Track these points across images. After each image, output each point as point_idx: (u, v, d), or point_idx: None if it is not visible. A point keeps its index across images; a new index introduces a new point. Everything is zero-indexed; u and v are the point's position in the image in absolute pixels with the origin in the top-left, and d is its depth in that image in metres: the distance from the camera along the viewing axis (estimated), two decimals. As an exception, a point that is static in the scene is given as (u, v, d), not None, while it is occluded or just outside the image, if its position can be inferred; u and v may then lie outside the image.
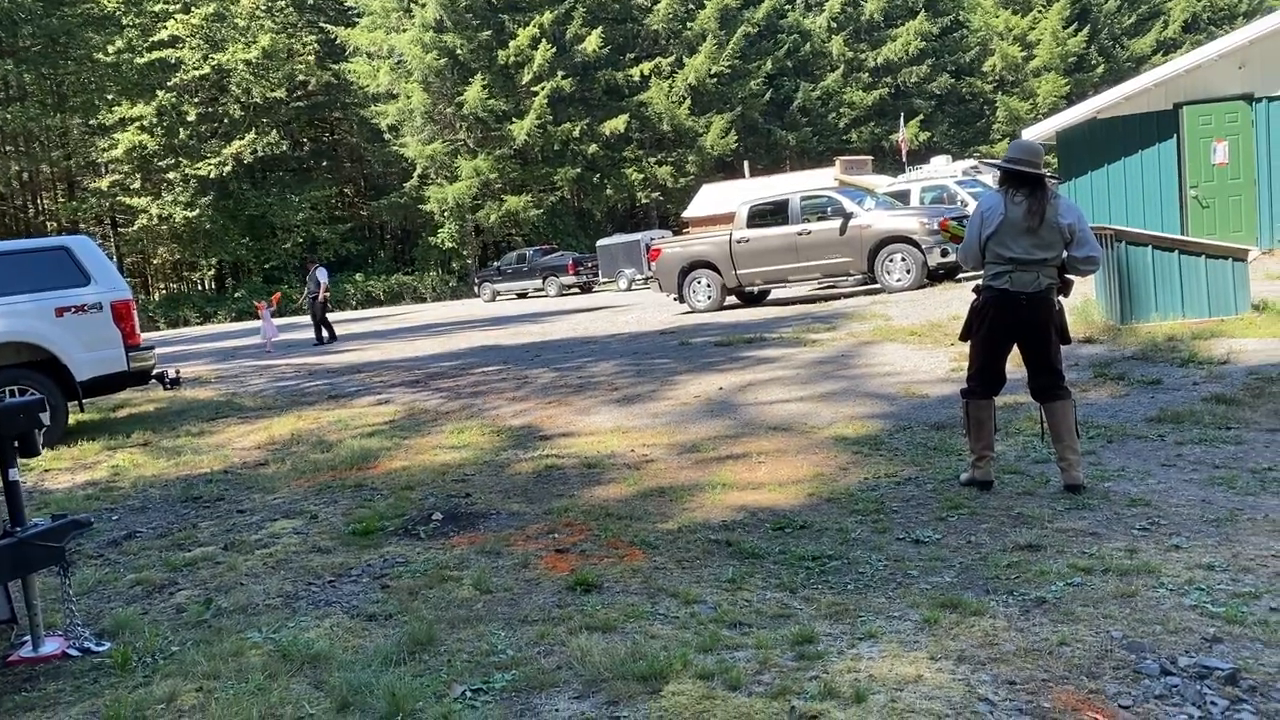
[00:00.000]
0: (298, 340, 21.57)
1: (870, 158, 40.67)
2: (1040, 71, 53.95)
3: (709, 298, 17.09)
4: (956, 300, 12.28)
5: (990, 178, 19.99)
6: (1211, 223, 14.57)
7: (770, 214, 16.93)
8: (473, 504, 5.88)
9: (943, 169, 26.93)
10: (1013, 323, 5.23)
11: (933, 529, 4.75)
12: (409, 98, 43.91)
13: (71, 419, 10.41)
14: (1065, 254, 5.14)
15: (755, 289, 17.35)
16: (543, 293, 34.40)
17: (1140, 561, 4.05)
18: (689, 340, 12.89)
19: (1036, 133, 16.79)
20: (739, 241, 16.63)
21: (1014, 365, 5.46)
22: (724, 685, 3.19)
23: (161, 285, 53.21)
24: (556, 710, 3.14)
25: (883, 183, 25.93)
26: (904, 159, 34.65)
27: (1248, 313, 9.27)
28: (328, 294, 20.92)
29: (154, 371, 10.13)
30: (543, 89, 43.15)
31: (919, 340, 10.40)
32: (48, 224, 46.41)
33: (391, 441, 8.09)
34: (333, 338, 20.33)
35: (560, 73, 43.79)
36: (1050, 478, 5.44)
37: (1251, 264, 9.65)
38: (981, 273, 5.37)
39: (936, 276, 15.55)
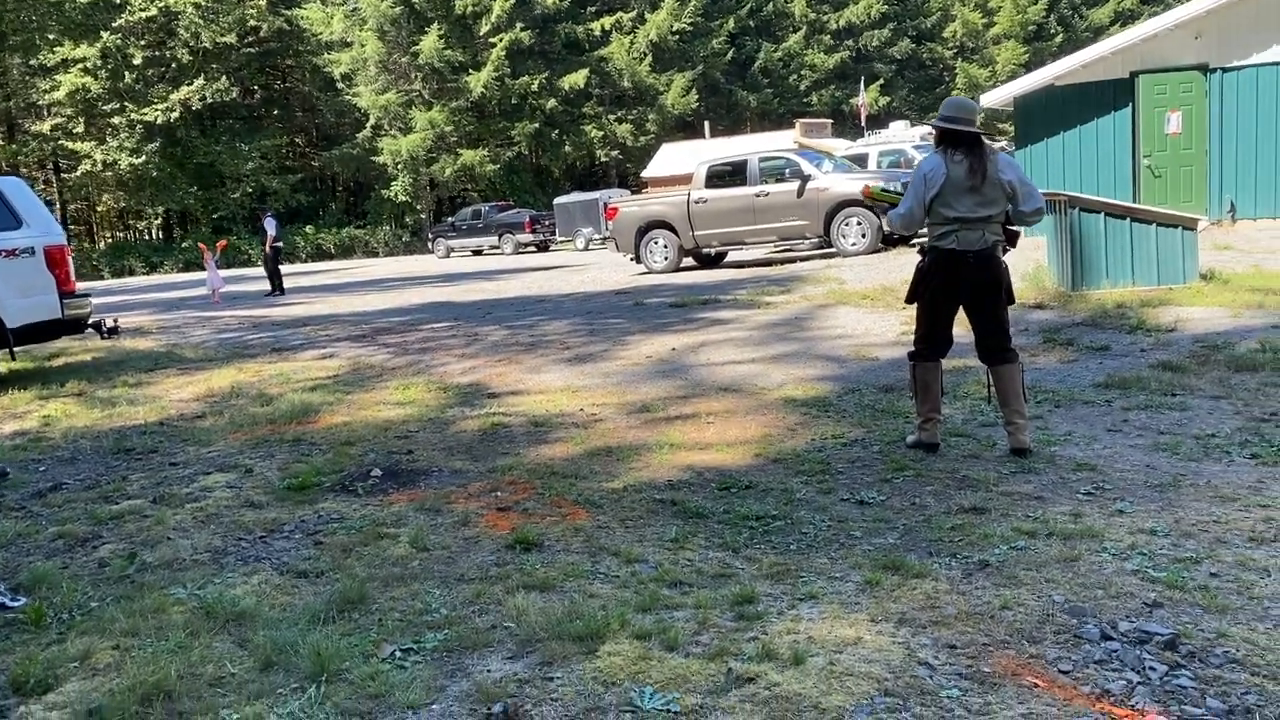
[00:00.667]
0: (244, 291, 21.12)
1: (830, 121, 40.59)
2: (1000, 39, 54.14)
3: (666, 258, 16.94)
4: (910, 265, 12.21)
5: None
6: (1163, 192, 14.69)
7: (729, 175, 16.74)
8: (414, 461, 5.75)
9: (901, 134, 26.97)
10: (960, 282, 5.17)
11: (877, 490, 4.71)
12: (363, 46, 42.89)
13: (3, 367, 10.10)
14: (1012, 209, 5.11)
15: (712, 250, 17.24)
16: (498, 250, 34.02)
17: (1084, 526, 4.04)
18: (644, 301, 12.77)
19: (995, 98, 16.79)
20: (697, 202, 16.47)
21: (964, 329, 5.41)
22: (661, 646, 3.12)
23: (107, 233, 51.91)
24: (488, 671, 3.05)
25: (841, 146, 25.88)
26: (863, 123, 34.63)
27: (1196, 282, 9.36)
28: (279, 245, 20.47)
29: (90, 320, 9.83)
30: (501, 40, 42.35)
31: (871, 304, 10.39)
32: (-14, 167, 44.93)
33: (334, 396, 7.91)
34: (280, 290, 19.92)
35: (519, 24, 43.00)
36: (997, 441, 5.43)
37: (1201, 234, 9.73)
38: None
39: (891, 241, 15.54)
